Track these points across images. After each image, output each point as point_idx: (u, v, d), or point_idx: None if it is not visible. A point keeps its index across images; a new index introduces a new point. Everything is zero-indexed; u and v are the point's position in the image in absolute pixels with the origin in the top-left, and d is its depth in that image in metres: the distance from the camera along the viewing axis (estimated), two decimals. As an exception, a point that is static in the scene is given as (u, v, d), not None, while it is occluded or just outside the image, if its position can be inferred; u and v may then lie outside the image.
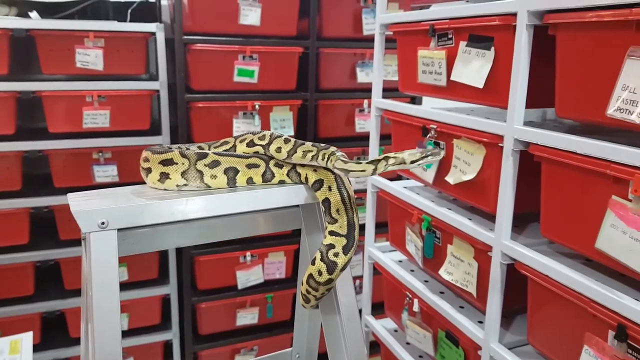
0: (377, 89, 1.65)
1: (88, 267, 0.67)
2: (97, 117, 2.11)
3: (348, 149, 2.36)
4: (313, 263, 0.80)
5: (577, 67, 0.98)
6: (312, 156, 0.81)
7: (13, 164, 2.06)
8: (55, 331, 2.21)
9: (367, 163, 0.75)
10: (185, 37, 2.07)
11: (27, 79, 2.06)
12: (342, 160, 0.76)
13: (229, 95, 2.17)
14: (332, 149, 0.81)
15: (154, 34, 2.10)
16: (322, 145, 0.82)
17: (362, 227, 1.94)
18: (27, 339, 1.49)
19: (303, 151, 0.81)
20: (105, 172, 2.16)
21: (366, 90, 2.31)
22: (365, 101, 2.34)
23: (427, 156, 0.76)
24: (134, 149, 2.15)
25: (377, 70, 1.65)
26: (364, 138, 2.33)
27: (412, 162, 0.76)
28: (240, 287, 2.29)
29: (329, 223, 0.80)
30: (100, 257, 0.65)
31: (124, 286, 2.23)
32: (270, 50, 2.16)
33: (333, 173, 0.80)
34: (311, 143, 0.82)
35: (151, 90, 2.15)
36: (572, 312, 1.02)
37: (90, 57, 2.08)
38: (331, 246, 0.79)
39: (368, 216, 1.75)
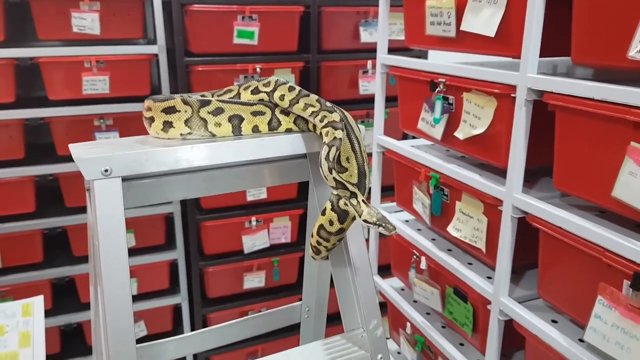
0: (383, 44, 1.60)
1: (93, 217, 0.65)
2: (96, 83, 2.07)
3: (352, 112, 2.30)
4: (323, 213, 0.78)
5: (596, 8, 0.93)
6: (313, 112, 0.78)
7: (15, 133, 2.04)
8: (66, 297, 2.24)
9: (334, 177, 0.73)
10: (183, -3, 2.01)
11: (24, 46, 2.02)
12: (330, 155, 0.73)
13: (229, 58, 2.12)
14: (335, 116, 0.77)
15: (150, -5, 2.04)
16: (328, 105, 0.78)
17: (368, 190, 1.93)
18: (38, 302, 1.50)
19: (305, 104, 0.78)
20: (107, 139, 2.14)
21: (370, 50, 2.26)
22: (369, 62, 2.29)
23: (380, 225, 0.73)
24: (135, 115, 2.12)
25: (382, 25, 1.60)
26: (368, 100, 2.29)
27: (365, 220, 0.73)
28: (246, 251, 2.29)
29: (338, 172, 0.78)
30: (105, 205, 0.64)
31: (131, 252, 2.23)
32: (270, 10, 2.09)
33: (342, 120, 0.78)
34: (316, 98, 0.79)
35: (150, 55, 2.10)
36: (585, 263, 1.01)
37: (87, 22, 2.03)
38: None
39: (374, 177, 1.73)
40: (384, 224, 0.73)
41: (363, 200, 0.75)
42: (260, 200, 2.30)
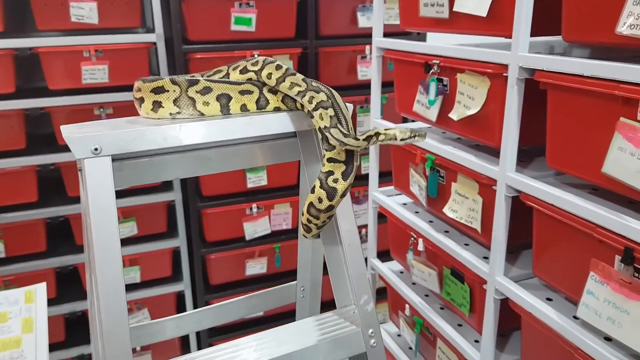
0: (378, 28, 1.60)
1: (85, 196, 0.66)
2: (95, 73, 2.08)
3: (351, 98, 2.32)
4: (313, 191, 0.79)
5: (585, -16, 0.93)
6: (299, 91, 0.78)
7: (16, 123, 2.06)
8: (70, 285, 2.27)
9: (363, 140, 0.77)
10: (180, -16, 2.01)
11: (23, 36, 2.03)
12: (341, 132, 0.76)
13: (227, 45, 2.12)
14: (322, 96, 0.77)
15: (147, -17, 2.04)
16: (314, 84, 0.78)
17: (366, 175, 1.94)
18: (41, 289, 1.52)
19: (291, 82, 0.78)
20: (99, 121, 2.15)
21: (368, 35, 2.24)
22: (367, 47, 2.28)
23: (414, 136, 0.80)
24: (135, 103, 2.13)
25: (378, 9, 1.59)
26: (367, 86, 2.28)
27: (402, 139, 0.80)
28: (247, 238, 2.31)
29: (326, 150, 0.79)
30: (96, 183, 0.65)
31: (134, 240, 2.26)
32: (267, -5, 2.09)
33: (330, 98, 0.78)
34: (302, 77, 0.79)
35: (148, 43, 2.11)
36: (578, 240, 1.01)
37: (85, 11, 2.04)
38: (330, 173, 0.78)
39: (371, 161, 1.74)
40: (417, 134, 0.80)
41: (385, 129, 0.80)
42: (261, 187, 2.31)
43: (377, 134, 0.79)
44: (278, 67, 0.79)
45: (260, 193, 2.32)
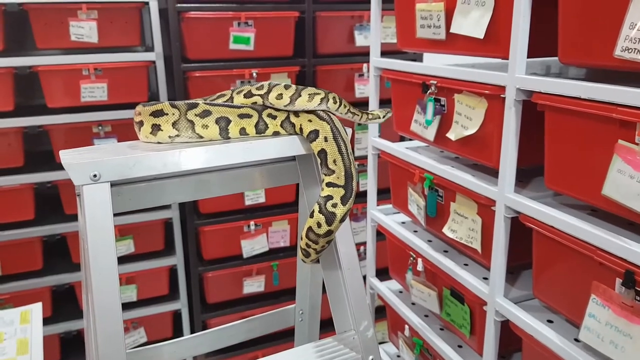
0: (375, 47, 1.61)
1: (83, 221, 0.66)
2: (94, 91, 2.09)
3: (349, 115, 2.33)
4: (312, 216, 0.78)
5: (582, 7, 0.94)
6: (322, 99, 0.79)
7: (14, 141, 2.06)
8: (66, 304, 2.24)
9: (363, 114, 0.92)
10: (179, 5, 2.03)
11: (23, 55, 2.04)
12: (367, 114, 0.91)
13: (225, 63, 2.14)
14: (335, 95, 0.83)
15: (147, 3, 2.06)
16: (326, 90, 0.81)
17: (364, 193, 1.94)
18: (36, 309, 1.51)
19: (309, 94, 0.79)
20: (98, 145, 2.14)
21: (365, 54, 2.27)
22: (365, 65, 2.30)
23: (387, 112, 0.97)
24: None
25: (375, 29, 1.61)
26: (364, 103, 2.30)
27: (384, 116, 0.96)
28: (245, 256, 2.30)
29: (325, 175, 0.78)
30: (94, 210, 0.64)
31: (130, 258, 2.25)
32: (265, 15, 2.11)
33: (329, 123, 0.78)
34: (310, 87, 0.80)
35: (147, 62, 2.12)
36: (578, 262, 1.01)
37: (85, 30, 2.05)
38: (329, 197, 0.77)
39: (370, 179, 1.74)
40: (388, 111, 0.97)
41: (370, 111, 0.96)
42: (259, 205, 2.30)
43: (368, 114, 0.94)
44: (287, 87, 0.79)
45: (258, 210, 2.31)
